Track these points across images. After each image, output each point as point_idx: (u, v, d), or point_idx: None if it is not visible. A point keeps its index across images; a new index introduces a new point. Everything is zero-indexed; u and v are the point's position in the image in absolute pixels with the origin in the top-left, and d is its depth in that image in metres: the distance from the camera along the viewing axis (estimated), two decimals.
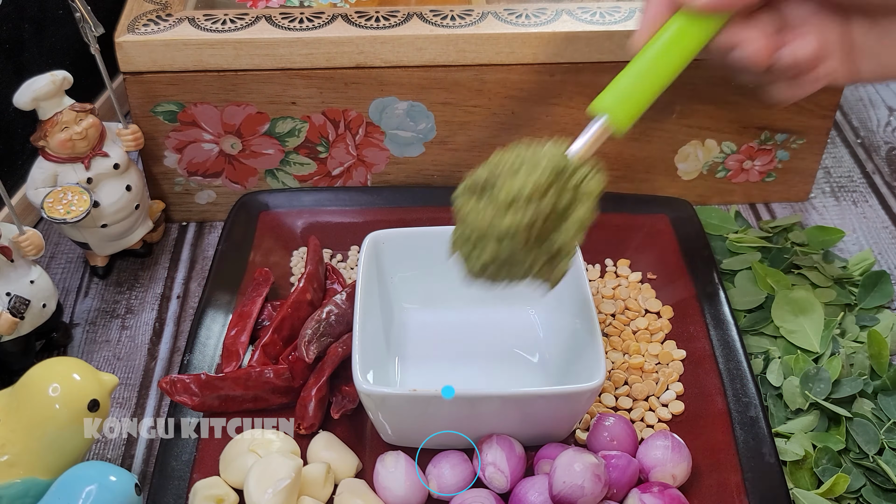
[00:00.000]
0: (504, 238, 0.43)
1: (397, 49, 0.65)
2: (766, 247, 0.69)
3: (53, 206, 0.61)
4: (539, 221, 0.43)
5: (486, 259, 0.44)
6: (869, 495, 0.54)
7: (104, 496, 0.45)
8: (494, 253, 0.44)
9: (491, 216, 0.43)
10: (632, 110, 0.44)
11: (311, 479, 0.51)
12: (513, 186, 0.42)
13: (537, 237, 0.44)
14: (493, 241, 0.43)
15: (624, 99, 0.44)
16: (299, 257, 0.68)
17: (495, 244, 0.43)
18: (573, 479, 0.48)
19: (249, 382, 0.55)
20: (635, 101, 0.45)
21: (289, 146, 0.70)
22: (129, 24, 0.65)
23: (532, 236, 0.43)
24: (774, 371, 0.60)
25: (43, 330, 0.60)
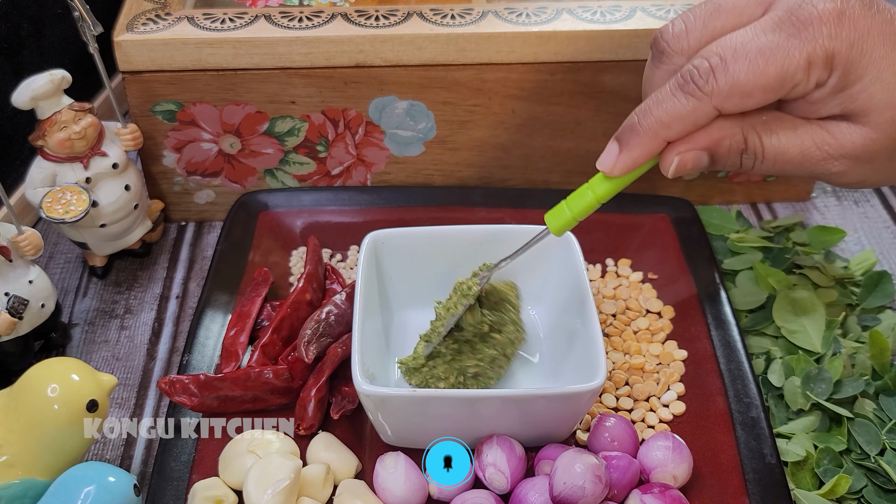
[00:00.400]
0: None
1: (397, 48, 0.65)
2: (767, 247, 0.69)
3: (52, 206, 0.61)
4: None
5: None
6: (870, 496, 0.53)
7: (103, 497, 0.45)
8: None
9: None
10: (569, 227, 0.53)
11: (311, 480, 0.51)
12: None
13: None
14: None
15: (572, 223, 0.52)
16: (299, 257, 0.68)
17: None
18: (574, 479, 0.48)
19: (249, 383, 0.55)
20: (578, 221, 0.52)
21: (288, 145, 0.70)
22: (127, 23, 0.65)
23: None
24: (776, 371, 0.60)
25: (42, 330, 0.60)
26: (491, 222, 0.62)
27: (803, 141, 0.48)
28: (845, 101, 0.47)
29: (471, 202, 0.69)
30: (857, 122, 0.47)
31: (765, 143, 0.48)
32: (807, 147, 0.48)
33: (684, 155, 0.49)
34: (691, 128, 0.48)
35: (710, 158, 0.49)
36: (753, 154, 0.49)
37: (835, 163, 0.48)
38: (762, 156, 0.49)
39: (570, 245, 0.59)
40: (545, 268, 0.60)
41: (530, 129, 0.70)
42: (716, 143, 0.48)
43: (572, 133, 0.70)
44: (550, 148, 0.71)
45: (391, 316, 0.61)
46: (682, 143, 0.49)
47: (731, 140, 0.48)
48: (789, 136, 0.48)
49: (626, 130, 0.49)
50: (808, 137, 0.48)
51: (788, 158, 0.49)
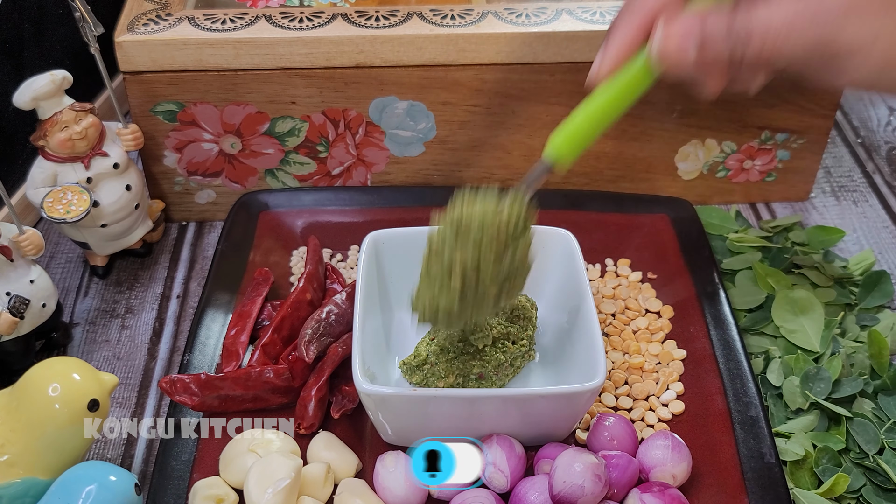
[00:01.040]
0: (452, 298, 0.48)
1: (397, 48, 0.65)
2: (766, 246, 0.69)
3: (53, 206, 0.61)
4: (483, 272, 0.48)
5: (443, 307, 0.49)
6: (869, 495, 0.54)
7: (104, 496, 0.45)
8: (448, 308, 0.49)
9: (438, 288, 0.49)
10: (576, 152, 0.48)
11: (311, 479, 0.51)
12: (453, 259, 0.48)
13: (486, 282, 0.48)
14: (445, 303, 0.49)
15: (572, 145, 0.48)
16: (299, 257, 0.68)
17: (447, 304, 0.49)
18: (573, 478, 0.48)
19: (249, 382, 0.55)
20: (582, 144, 0.48)
21: (289, 146, 0.70)
22: (128, 23, 0.65)
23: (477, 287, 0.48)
24: (775, 371, 0.60)
25: (43, 330, 0.60)
26: None
27: (788, 9, 0.45)
28: None
29: None
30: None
31: (752, 20, 0.45)
32: (791, 13, 0.45)
33: (669, 27, 0.46)
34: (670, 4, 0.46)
35: (699, 42, 0.46)
36: (741, 35, 0.45)
37: (823, 23, 0.44)
38: (749, 35, 0.45)
39: (569, 245, 0.59)
40: (545, 267, 0.60)
41: (530, 129, 0.70)
42: (701, 19, 0.46)
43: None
44: None
45: (391, 315, 0.61)
46: (667, 15, 0.46)
47: (716, 18, 0.46)
48: (775, 9, 0.45)
49: (609, 28, 0.47)
50: (793, 5, 0.45)
51: (776, 30, 0.45)
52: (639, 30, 0.47)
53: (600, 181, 0.73)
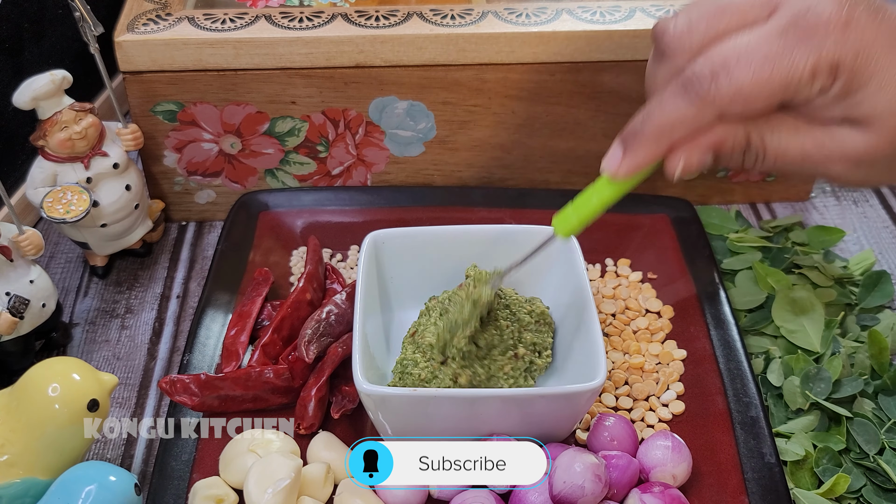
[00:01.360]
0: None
1: (397, 48, 0.65)
2: (766, 246, 0.69)
3: (53, 206, 0.61)
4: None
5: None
6: (869, 495, 0.53)
7: (104, 496, 0.45)
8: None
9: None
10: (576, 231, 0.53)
11: (311, 479, 0.51)
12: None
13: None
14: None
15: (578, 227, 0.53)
16: (299, 257, 0.68)
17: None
18: (573, 479, 0.48)
19: (249, 382, 0.55)
20: (585, 225, 0.53)
21: (288, 146, 0.70)
22: (128, 23, 0.65)
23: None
24: (775, 371, 0.60)
25: (42, 330, 0.60)
26: (491, 222, 0.62)
27: (805, 142, 0.48)
28: (848, 108, 0.46)
29: (471, 202, 0.69)
30: (859, 128, 0.47)
31: (767, 142, 0.48)
32: (808, 148, 0.48)
33: (689, 157, 0.49)
34: (694, 132, 0.48)
35: (715, 157, 0.49)
36: (755, 153, 0.49)
37: (835, 165, 0.48)
38: (763, 155, 0.49)
39: (570, 245, 0.59)
40: (545, 267, 0.60)
41: (530, 129, 0.70)
42: (719, 143, 0.48)
43: (572, 133, 0.70)
44: (550, 148, 0.71)
45: (391, 315, 0.61)
46: (686, 146, 0.49)
47: (734, 140, 0.48)
48: (791, 136, 0.48)
49: (630, 134, 0.49)
50: (809, 139, 0.48)
51: (789, 158, 0.49)
52: (661, 153, 0.50)
53: None
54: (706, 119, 0.47)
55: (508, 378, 0.55)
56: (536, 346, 0.57)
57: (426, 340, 0.54)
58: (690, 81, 0.47)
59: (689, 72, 0.47)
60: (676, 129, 0.48)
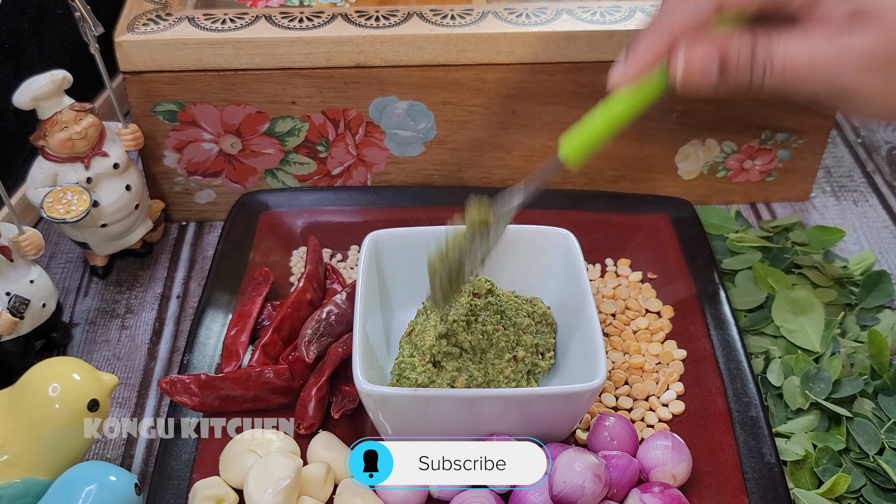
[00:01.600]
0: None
1: (397, 48, 0.65)
2: (766, 246, 0.69)
3: (53, 206, 0.61)
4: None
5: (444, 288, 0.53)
6: (869, 495, 0.53)
7: (104, 496, 0.45)
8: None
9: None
10: (588, 153, 0.50)
11: (311, 479, 0.51)
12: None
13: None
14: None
15: (585, 146, 0.49)
16: (299, 257, 0.68)
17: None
18: (573, 479, 0.48)
19: (249, 383, 0.55)
20: (594, 146, 0.50)
21: (289, 146, 0.70)
22: (128, 23, 0.65)
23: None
24: (775, 371, 0.60)
25: (43, 330, 0.60)
26: None
27: (813, 49, 0.46)
28: (854, 2, 0.45)
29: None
30: (866, 25, 0.45)
31: (774, 52, 0.46)
32: (816, 55, 0.46)
33: (691, 52, 0.47)
34: (695, 26, 0.47)
35: (720, 67, 0.47)
36: (762, 65, 0.47)
37: (847, 72, 0.46)
38: (771, 65, 0.47)
39: (570, 245, 0.59)
40: (545, 267, 0.61)
41: (530, 129, 0.70)
42: (725, 46, 0.47)
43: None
44: (550, 148, 0.71)
45: (392, 315, 0.61)
46: (690, 39, 0.47)
47: (739, 49, 0.47)
48: (798, 43, 0.46)
49: (633, 39, 0.48)
50: (817, 45, 0.46)
51: (798, 68, 0.46)
52: (662, 47, 0.47)
53: (600, 181, 0.73)
54: (705, 10, 0.46)
55: (510, 381, 0.55)
56: (539, 348, 0.57)
57: (425, 343, 0.54)
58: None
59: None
60: (676, 23, 0.47)
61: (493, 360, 0.54)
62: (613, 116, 0.49)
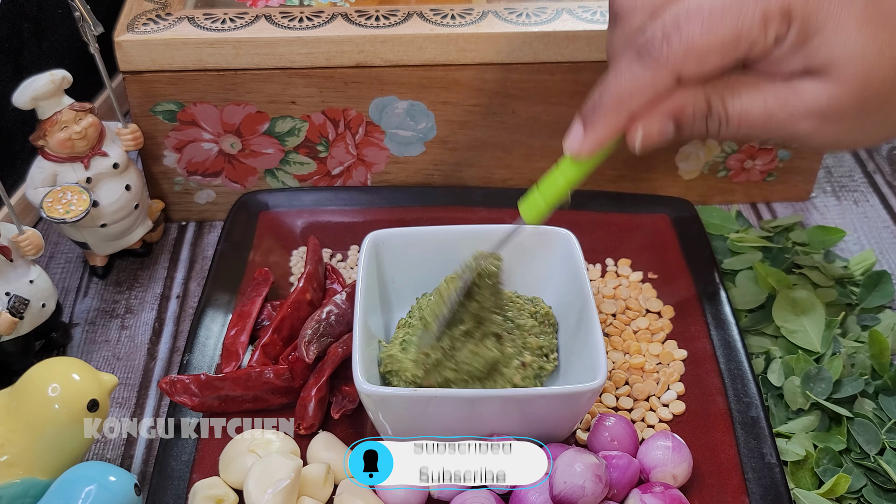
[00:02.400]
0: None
1: (397, 48, 0.65)
2: (767, 246, 0.69)
3: (53, 206, 0.61)
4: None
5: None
6: (870, 495, 0.53)
7: (104, 496, 0.45)
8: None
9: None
10: (545, 216, 0.52)
11: (311, 480, 0.51)
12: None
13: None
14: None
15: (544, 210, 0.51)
16: (299, 257, 0.68)
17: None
18: (574, 479, 0.48)
19: (249, 383, 0.55)
20: (551, 209, 0.51)
21: (288, 146, 0.70)
22: (128, 23, 0.65)
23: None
24: (775, 371, 0.60)
25: (42, 330, 0.60)
26: (491, 222, 0.62)
27: (767, 101, 0.47)
28: (807, 57, 0.45)
29: (471, 202, 0.69)
30: (821, 78, 0.45)
31: (727, 105, 0.47)
32: (770, 107, 0.47)
33: (649, 125, 0.47)
34: (653, 98, 0.47)
35: (676, 126, 0.48)
36: (717, 118, 0.48)
37: (801, 123, 0.47)
38: (726, 119, 0.47)
39: (570, 245, 0.59)
40: (545, 267, 0.61)
41: (530, 129, 0.70)
42: (679, 110, 0.47)
43: None
44: (550, 148, 0.71)
45: (392, 315, 0.61)
46: (645, 115, 0.47)
47: (693, 105, 0.47)
48: (752, 97, 0.47)
49: (589, 109, 0.48)
50: (771, 97, 0.47)
51: (753, 120, 0.47)
52: (621, 125, 0.48)
53: (600, 181, 0.73)
54: (664, 83, 0.46)
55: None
56: (543, 350, 0.57)
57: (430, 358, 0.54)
58: (644, 46, 0.46)
59: (643, 37, 0.46)
60: (635, 98, 0.47)
61: (503, 370, 0.54)
62: (570, 180, 0.50)
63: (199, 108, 0.67)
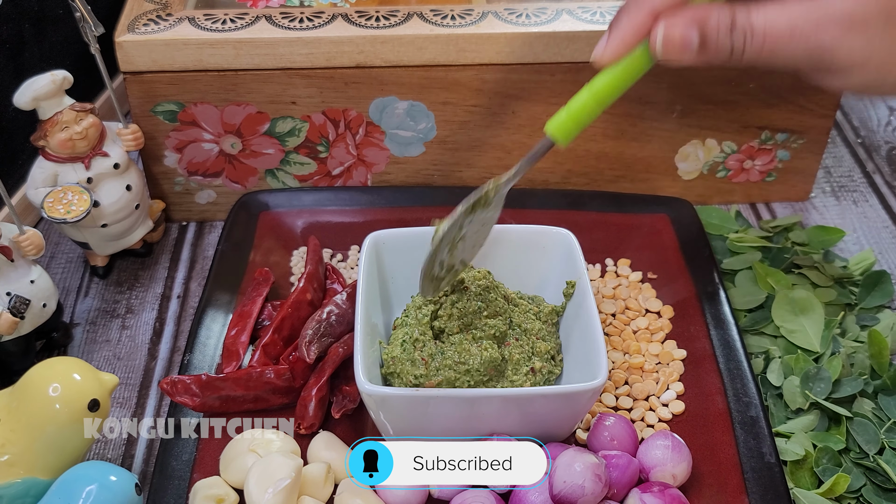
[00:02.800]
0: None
1: (397, 48, 0.65)
2: (766, 246, 0.69)
3: (53, 206, 0.61)
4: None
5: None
6: (869, 495, 0.54)
7: (104, 496, 0.45)
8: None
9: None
10: (575, 132, 0.50)
11: (311, 479, 0.51)
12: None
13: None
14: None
15: (573, 124, 0.50)
16: (299, 257, 0.68)
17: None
18: (574, 478, 0.48)
19: (250, 383, 0.55)
20: (582, 124, 0.50)
21: (289, 146, 0.70)
22: (129, 23, 0.65)
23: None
24: (775, 371, 0.60)
25: (43, 330, 0.60)
26: None
27: (792, 14, 0.47)
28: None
29: None
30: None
31: (753, 17, 0.47)
32: (795, 18, 0.47)
33: (671, 28, 0.47)
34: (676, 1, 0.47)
35: (700, 38, 0.47)
36: (742, 32, 0.47)
37: (826, 31, 0.46)
38: (751, 32, 0.47)
39: (570, 245, 0.59)
40: (545, 267, 0.61)
41: (530, 129, 0.70)
42: (704, 17, 0.47)
43: None
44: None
45: (392, 315, 0.61)
46: (669, 14, 0.47)
47: (719, 15, 0.47)
48: (778, 10, 0.47)
49: (615, 15, 0.48)
50: (796, 10, 0.47)
51: (778, 33, 0.47)
52: (642, 23, 0.48)
53: (600, 181, 0.73)
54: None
55: None
56: (550, 352, 0.56)
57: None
58: None
59: None
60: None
61: (512, 377, 0.54)
62: (599, 93, 0.49)
63: (200, 109, 0.67)
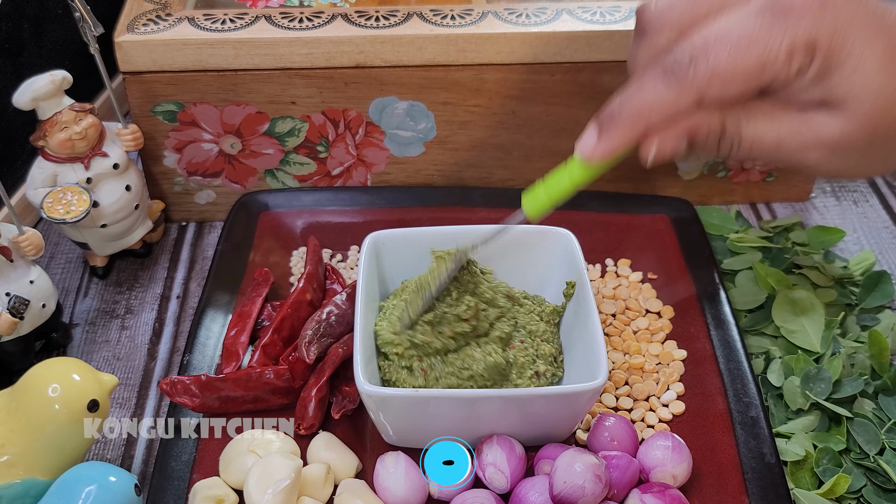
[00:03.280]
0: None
1: (397, 49, 0.65)
2: (766, 247, 0.69)
3: (53, 206, 0.61)
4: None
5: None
6: (870, 495, 0.53)
7: (104, 496, 0.45)
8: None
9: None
10: (546, 212, 0.52)
11: (311, 480, 0.51)
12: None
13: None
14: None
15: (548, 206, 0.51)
16: (299, 257, 0.68)
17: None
18: (574, 479, 0.48)
19: (250, 383, 0.55)
20: (553, 206, 0.51)
21: (288, 146, 0.70)
22: (128, 23, 0.65)
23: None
24: (775, 371, 0.60)
25: (43, 330, 0.60)
26: (491, 222, 0.62)
27: (780, 129, 0.48)
28: (825, 91, 0.46)
29: (471, 202, 0.69)
30: (835, 112, 0.46)
31: (742, 129, 0.48)
32: (783, 135, 0.48)
33: (663, 142, 0.48)
34: (671, 116, 0.48)
35: (689, 144, 0.49)
36: (730, 140, 0.49)
37: (810, 153, 0.48)
38: (739, 142, 0.48)
39: (570, 245, 0.59)
40: (545, 267, 0.61)
41: (530, 129, 0.70)
42: (694, 129, 0.48)
43: (572, 133, 0.69)
44: (550, 148, 0.71)
45: None
46: (661, 130, 0.48)
47: (709, 126, 0.48)
48: (767, 123, 0.48)
49: (607, 117, 0.49)
50: (785, 126, 0.48)
51: (765, 146, 0.48)
52: (637, 136, 0.49)
53: (600, 181, 0.72)
54: (685, 104, 0.47)
55: None
56: (553, 354, 0.57)
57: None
58: (670, 66, 0.46)
59: (670, 58, 0.47)
60: (654, 114, 0.48)
61: (516, 381, 0.54)
62: (577, 182, 0.50)
63: (200, 109, 0.67)
